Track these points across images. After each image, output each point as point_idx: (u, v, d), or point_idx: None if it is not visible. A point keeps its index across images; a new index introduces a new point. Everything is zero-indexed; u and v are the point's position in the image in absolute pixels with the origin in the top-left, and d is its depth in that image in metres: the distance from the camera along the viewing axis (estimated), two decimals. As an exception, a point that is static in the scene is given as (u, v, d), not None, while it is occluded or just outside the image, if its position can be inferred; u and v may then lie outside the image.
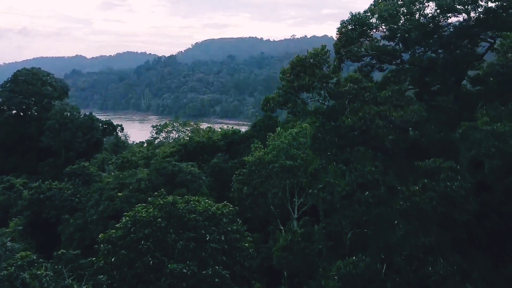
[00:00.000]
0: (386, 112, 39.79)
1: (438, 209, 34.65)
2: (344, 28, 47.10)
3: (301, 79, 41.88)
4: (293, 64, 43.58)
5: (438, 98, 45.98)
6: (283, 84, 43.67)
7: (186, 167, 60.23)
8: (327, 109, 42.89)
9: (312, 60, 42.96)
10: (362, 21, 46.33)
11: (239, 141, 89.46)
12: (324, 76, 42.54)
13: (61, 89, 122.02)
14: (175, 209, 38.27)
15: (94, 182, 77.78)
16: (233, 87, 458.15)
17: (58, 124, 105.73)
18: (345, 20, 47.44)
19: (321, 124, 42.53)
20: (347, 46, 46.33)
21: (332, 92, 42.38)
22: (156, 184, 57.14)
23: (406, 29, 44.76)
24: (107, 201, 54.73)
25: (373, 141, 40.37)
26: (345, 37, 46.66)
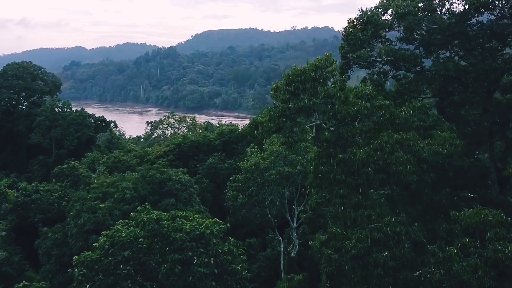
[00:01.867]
0: (410, 142, 32.58)
1: (486, 284, 25.88)
2: (351, 28, 41.28)
3: (299, 100, 33.87)
4: (289, 79, 35.12)
5: (464, 112, 40.48)
6: (275, 104, 35.52)
7: (176, 175, 55.83)
8: (332, 135, 34.75)
9: (314, 74, 34.63)
10: (374, 20, 40.76)
11: (235, 140, 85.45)
12: (329, 95, 33.91)
13: (53, 83, 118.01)
14: (159, 227, 34.21)
15: (83, 184, 73.88)
16: (233, 78, 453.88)
17: (48, 121, 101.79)
18: (353, 18, 41.63)
19: (325, 156, 34.97)
20: (355, 50, 40.39)
21: (338, 113, 34.18)
22: (142, 194, 53.02)
23: (428, 29, 39.44)
24: (88, 213, 50.45)
25: (392, 180, 33.19)
26: (353, 39, 40.70)
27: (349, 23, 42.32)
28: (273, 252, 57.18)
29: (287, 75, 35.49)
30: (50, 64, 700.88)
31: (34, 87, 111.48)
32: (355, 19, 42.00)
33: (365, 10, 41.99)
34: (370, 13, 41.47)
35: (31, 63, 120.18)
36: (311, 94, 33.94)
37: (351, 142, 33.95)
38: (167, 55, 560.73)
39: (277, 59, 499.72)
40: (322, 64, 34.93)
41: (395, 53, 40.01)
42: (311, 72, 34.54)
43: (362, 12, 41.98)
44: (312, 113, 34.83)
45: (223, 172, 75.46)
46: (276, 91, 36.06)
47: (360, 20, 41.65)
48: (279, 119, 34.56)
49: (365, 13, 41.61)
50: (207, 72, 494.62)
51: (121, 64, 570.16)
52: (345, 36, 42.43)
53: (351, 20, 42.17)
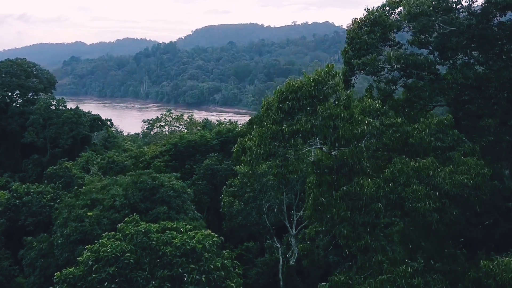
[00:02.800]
0: (429, 171, 27.31)
1: None
2: (356, 30, 37.29)
3: (295, 121, 28.98)
4: (282, 95, 30.05)
5: (481, 123, 35.99)
6: (265, 125, 30.19)
7: (168, 180, 53.36)
8: (335, 161, 29.61)
9: (313, 90, 29.41)
10: (382, 20, 37.14)
11: (233, 140, 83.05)
12: (331, 116, 28.39)
13: (47, 80, 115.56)
14: (148, 240, 31.89)
15: (76, 185, 71.63)
16: (233, 74, 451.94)
17: (42, 119, 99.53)
18: (357, 19, 37.88)
19: (326, 186, 30.02)
20: (361, 55, 36.12)
21: (342, 138, 28.66)
22: (133, 202, 50.55)
23: (444, 31, 35.45)
24: (75, 222, 47.96)
25: (408, 219, 28.59)
26: (358, 43, 36.63)
27: (353, 24, 38.38)
28: (271, 257, 55.06)
29: (279, 90, 30.44)
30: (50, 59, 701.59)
31: (28, 85, 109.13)
32: (360, 20, 38.05)
33: (371, 9, 38.50)
34: (378, 12, 37.77)
35: (26, 60, 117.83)
36: (309, 114, 28.97)
37: (357, 169, 28.73)
38: (167, 50, 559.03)
39: (277, 54, 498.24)
40: (322, 77, 29.79)
41: (406, 59, 35.72)
42: (309, 87, 29.49)
43: (368, 11, 38.28)
44: (310, 137, 29.52)
45: (220, 174, 73.23)
46: (267, 109, 31.15)
47: (366, 20, 37.77)
48: (271, 143, 29.52)
49: (371, 12, 37.91)
50: (207, 67, 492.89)
51: (120, 59, 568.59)
52: (349, 39, 38.49)
53: (356, 21, 38.21)
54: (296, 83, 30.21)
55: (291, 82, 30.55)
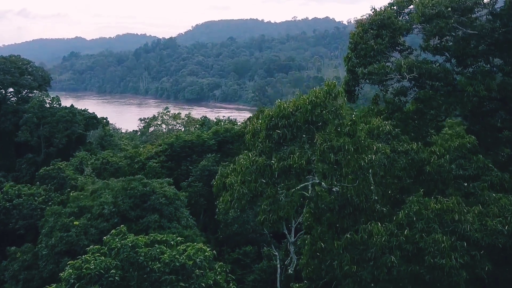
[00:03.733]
0: (454, 214, 22.44)
1: None
2: (361, 34, 33.50)
3: (287, 154, 24.05)
4: (271, 121, 24.75)
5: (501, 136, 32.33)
6: (250, 157, 25.07)
7: (160, 187, 50.94)
8: (336, 199, 25.21)
9: (310, 115, 24.31)
10: (391, 22, 32.95)
11: (231, 140, 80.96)
12: (332, 148, 23.32)
13: (42, 78, 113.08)
14: (135, 255, 29.70)
15: (69, 187, 69.50)
16: (232, 70, 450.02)
17: (36, 118, 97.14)
18: (363, 21, 33.71)
19: (326, 227, 25.88)
20: (367, 63, 32.41)
21: (346, 175, 23.80)
22: (123, 209, 48.19)
23: (463, 35, 31.48)
24: (60, 231, 45.58)
25: (429, 276, 22.74)
26: (364, 49, 32.85)
27: (357, 27, 34.48)
28: (269, 264, 52.91)
29: (267, 115, 25.00)
30: (50, 54, 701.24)
31: (22, 82, 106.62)
32: (366, 22, 33.85)
33: (379, 10, 34.16)
34: (386, 13, 33.49)
35: (20, 57, 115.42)
36: (304, 144, 23.91)
37: (363, 209, 23.94)
38: (167, 46, 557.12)
39: (278, 50, 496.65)
40: (321, 99, 24.51)
41: (420, 68, 31.67)
42: (305, 112, 24.27)
43: (375, 12, 34.07)
44: (305, 174, 24.52)
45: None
46: (253, 135, 25.61)
47: (372, 23, 33.72)
48: (257, 180, 24.13)
49: (378, 13, 33.63)
50: (207, 63, 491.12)
51: (120, 55, 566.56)
52: (352, 44, 34.36)
53: (360, 23, 34.16)
54: (289, 106, 24.89)
55: (282, 105, 25.12)
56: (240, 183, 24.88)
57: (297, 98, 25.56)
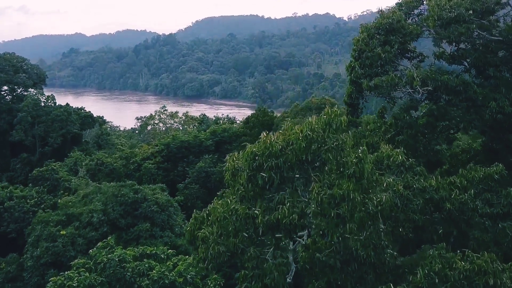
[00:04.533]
0: (488, 277, 17.83)
1: None
2: (367, 40, 29.82)
3: (275, 204, 19.23)
4: (253, 162, 19.18)
5: None
6: (228, 205, 20.08)
7: (152, 193, 48.88)
8: (337, 255, 20.03)
9: (303, 154, 19.02)
10: (401, 27, 29.12)
11: (229, 140, 79.15)
12: (333, 198, 18.32)
13: (37, 76, 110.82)
14: (122, 271, 27.84)
15: (62, 189, 67.68)
16: (232, 66, 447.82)
17: (30, 117, 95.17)
18: (367, 25, 30.22)
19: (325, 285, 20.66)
20: (373, 74, 28.81)
21: (350, 228, 18.41)
22: (112, 217, 46.17)
23: (485, 42, 27.86)
24: (47, 241, 43.56)
25: None
26: (369, 58, 29.21)
27: (362, 32, 30.80)
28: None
29: (250, 151, 19.37)
30: (50, 51, 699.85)
31: (17, 80, 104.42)
32: (371, 27, 30.26)
33: (386, 13, 30.08)
34: (395, 16, 29.54)
35: (14, 54, 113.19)
36: (296, 191, 19.20)
37: (371, 263, 19.07)
38: (167, 42, 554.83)
39: (278, 46, 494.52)
40: (319, 133, 19.25)
41: (435, 80, 27.79)
42: (298, 150, 18.92)
43: (381, 15, 30.20)
44: (297, 231, 19.74)
45: (214, 177, 69.30)
46: (232, 175, 20.36)
47: (379, 28, 29.89)
48: (237, 235, 19.36)
49: (386, 17, 29.70)
50: (207, 59, 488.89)
51: (120, 51, 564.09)
52: (356, 51, 30.94)
53: (365, 28, 30.63)
54: (277, 142, 19.31)
55: (269, 140, 19.48)
56: (216, 237, 19.60)
57: (288, 128, 20.17)
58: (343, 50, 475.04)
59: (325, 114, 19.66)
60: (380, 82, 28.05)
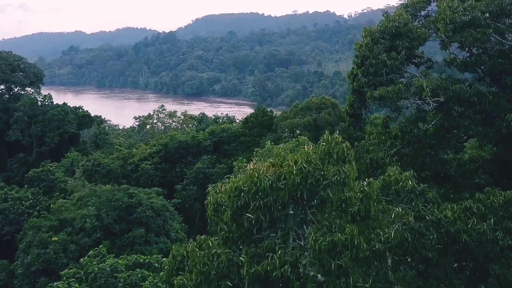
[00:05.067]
0: None
1: None
2: (371, 45, 26.95)
3: (263, 250, 15.86)
4: (237, 200, 15.94)
5: None
6: (211, 249, 16.41)
7: (147, 197, 47.49)
8: None
9: (298, 190, 15.75)
10: (408, 30, 26.41)
11: (228, 140, 78.02)
12: (334, 246, 14.94)
13: (34, 75, 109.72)
14: (114, 281, 26.73)
15: (58, 190, 66.61)
16: (232, 64, 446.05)
17: (27, 117, 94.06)
18: (371, 29, 27.55)
19: None
20: (377, 83, 26.17)
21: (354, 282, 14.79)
22: (106, 223, 44.85)
23: (502, 48, 24.97)
24: (38, 248, 42.28)
25: None
26: (374, 65, 26.43)
27: (364, 37, 28.00)
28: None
29: (233, 186, 16.08)
30: (50, 49, 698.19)
31: (13, 79, 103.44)
32: (376, 31, 27.55)
33: (392, 15, 27.19)
34: (401, 19, 26.61)
35: (11, 53, 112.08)
36: (290, 234, 16.02)
37: None
38: (167, 40, 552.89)
39: (278, 44, 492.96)
40: (316, 164, 16.07)
41: (446, 90, 24.80)
42: (292, 187, 15.67)
43: (387, 17, 27.48)
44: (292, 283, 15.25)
45: (213, 178, 68.19)
46: (215, 211, 17.52)
47: (384, 32, 27.19)
48: (219, 285, 15.94)
49: (392, 19, 26.92)
50: (207, 57, 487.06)
51: (120, 49, 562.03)
52: (359, 58, 28.17)
53: (369, 32, 27.80)
54: (266, 175, 15.92)
55: (257, 173, 15.95)
56: (195, 285, 16.06)
57: (279, 156, 16.93)
58: (344, 48, 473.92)
59: (324, 142, 16.59)
60: (386, 92, 25.07)
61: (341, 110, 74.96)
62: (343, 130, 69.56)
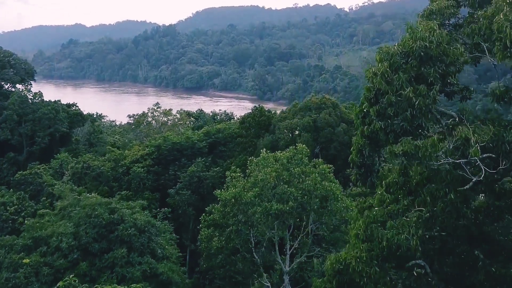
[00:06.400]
0: None
1: None
2: (388, 74, 19.00)
3: None
4: None
5: None
6: None
7: (130, 213, 43.46)
8: None
9: None
10: (444, 53, 18.59)
11: (224, 141, 74.70)
12: None
13: (25, 71, 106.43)
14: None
15: (45, 195, 63.39)
16: (232, 58, 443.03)
17: (16, 115, 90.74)
18: (388, 49, 19.40)
19: None
20: (400, 130, 18.65)
21: None
22: (84, 242, 41.00)
23: None
24: (7, 271, 38.25)
25: None
26: (394, 105, 18.64)
27: (379, 61, 19.73)
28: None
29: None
30: (50, 42, 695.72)
31: (3, 77, 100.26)
32: (396, 52, 19.38)
33: (419, 29, 19.17)
34: (435, 36, 18.76)
35: (1, 49, 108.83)
36: None
37: None
38: (166, 33, 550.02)
39: (278, 37, 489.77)
40: None
41: (498, 140, 17.95)
42: None
43: (412, 33, 19.18)
44: None
45: (207, 182, 64.99)
46: None
47: (407, 54, 19.23)
48: None
49: (421, 38, 18.82)
50: (207, 51, 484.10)
51: (119, 42, 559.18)
52: (371, 91, 19.74)
53: (386, 54, 19.63)
54: None
55: None
56: None
57: None
58: (344, 41, 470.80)
59: None
60: (413, 148, 17.95)
61: (342, 110, 71.74)
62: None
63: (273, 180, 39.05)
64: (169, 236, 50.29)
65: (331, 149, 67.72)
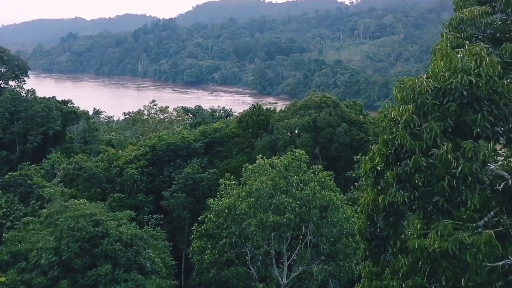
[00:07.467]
0: None
1: None
2: (414, 122, 13.46)
3: None
4: None
5: None
6: None
7: (116, 225, 40.62)
8: None
9: None
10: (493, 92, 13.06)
11: (221, 142, 72.25)
12: None
13: (18, 68, 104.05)
14: None
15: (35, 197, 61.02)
16: (232, 52, 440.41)
17: (8, 113, 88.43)
18: (412, 83, 13.85)
19: None
20: (434, 206, 13.01)
21: None
22: (66, 258, 38.31)
23: None
24: None
25: None
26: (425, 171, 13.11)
27: (400, 101, 14.24)
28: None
29: None
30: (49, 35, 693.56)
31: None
32: (424, 90, 13.81)
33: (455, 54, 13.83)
34: (484, 68, 13.37)
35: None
36: None
37: None
38: (166, 27, 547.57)
39: (279, 31, 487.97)
40: None
41: None
42: None
43: (447, 61, 13.90)
44: None
45: (203, 184, 62.61)
46: None
47: (444, 92, 13.73)
48: None
49: (461, 70, 13.57)
50: (207, 45, 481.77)
51: (119, 36, 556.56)
52: (390, 147, 14.19)
53: (411, 89, 14.10)
54: None
55: None
56: None
57: None
58: (345, 35, 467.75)
59: None
60: (457, 247, 12.86)
61: (343, 109, 69.38)
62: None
63: (269, 189, 36.71)
64: (161, 243, 47.96)
65: (331, 149, 65.59)
